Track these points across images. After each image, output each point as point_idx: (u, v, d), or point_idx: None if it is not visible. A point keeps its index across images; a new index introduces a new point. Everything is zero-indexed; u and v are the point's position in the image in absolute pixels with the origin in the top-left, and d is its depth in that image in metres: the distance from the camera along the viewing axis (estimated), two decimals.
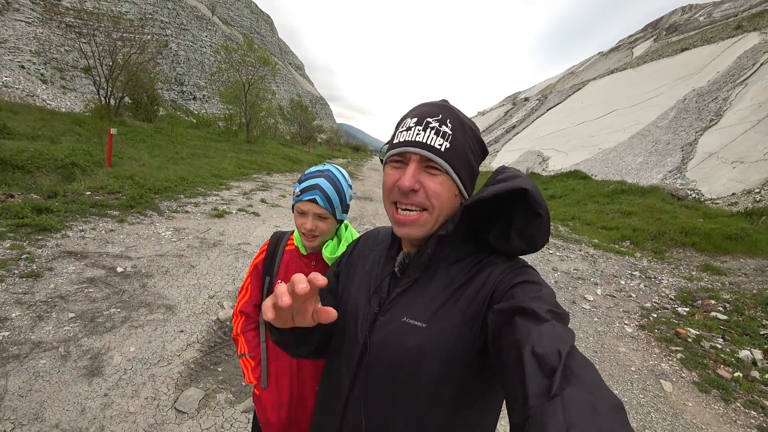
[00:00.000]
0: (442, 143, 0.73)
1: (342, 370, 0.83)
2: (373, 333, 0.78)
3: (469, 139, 0.78)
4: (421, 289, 0.78)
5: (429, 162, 0.74)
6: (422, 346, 0.72)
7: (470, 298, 0.72)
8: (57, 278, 3.55)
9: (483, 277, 0.74)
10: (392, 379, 0.74)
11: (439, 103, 0.80)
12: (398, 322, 0.76)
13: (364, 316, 0.82)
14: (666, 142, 16.91)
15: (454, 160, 0.74)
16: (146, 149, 11.40)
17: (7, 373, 2.32)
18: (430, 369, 0.71)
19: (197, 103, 40.14)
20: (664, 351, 4.04)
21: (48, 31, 25.79)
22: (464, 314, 0.72)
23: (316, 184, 1.21)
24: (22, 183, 5.90)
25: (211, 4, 57.15)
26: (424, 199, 0.74)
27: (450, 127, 0.75)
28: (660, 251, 8.40)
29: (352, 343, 0.82)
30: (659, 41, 35.94)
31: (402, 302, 0.78)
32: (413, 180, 0.73)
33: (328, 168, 1.28)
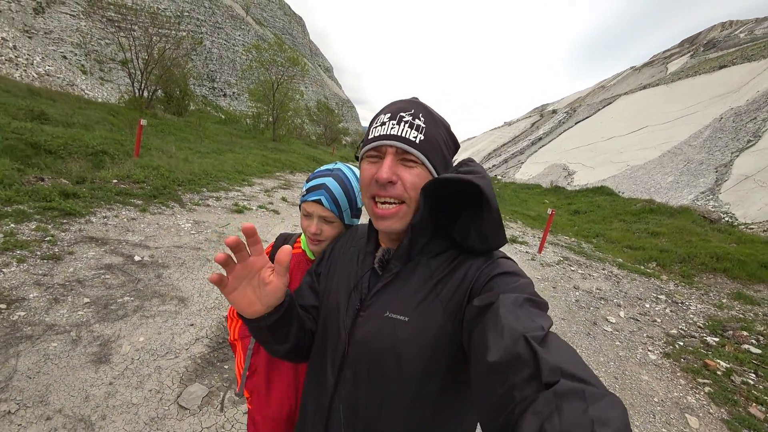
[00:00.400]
0: (416, 135, 0.74)
1: (326, 368, 0.82)
2: (355, 329, 0.78)
3: (441, 132, 0.79)
4: (403, 283, 0.78)
5: (405, 154, 0.75)
6: (406, 340, 0.72)
7: (451, 292, 0.73)
8: (76, 262, 3.60)
9: (463, 271, 0.74)
10: (377, 374, 0.74)
11: (410, 100, 0.82)
12: (381, 318, 0.76)
13: (345, 313, 0.82)
14: (699, 161, 16.28)
15: (429, 151, 0.75)
16: (174, 142, 11.66)
17: (19, 353, 2.34)
18: (415, 362, 0.71)
19: (227, 99, 41.06)
20: (691, 383, 3.81)
21: (90, 24, 26.86)
22: (446, 308, 0.72)
23: (323, 183, 1.13)
24: (54, 167, 6.07)
25: (245, 5, 58.53)
26: (402, 191, 0.75)
27: (423, 120, 0.76)
28: (688, 275, 8.04)
29: (334, 341, 0.82)
30: (696, 57, 34.79)
31: (384, 297, 0.78)
32: (390, 172, 0.74)
33: (339, 167, 1.19)
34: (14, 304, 2.79)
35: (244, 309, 0.70)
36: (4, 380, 2.13)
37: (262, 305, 0.70)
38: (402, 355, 0.72)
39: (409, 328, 0.72)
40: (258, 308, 0.70)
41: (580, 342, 4.35)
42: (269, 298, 0.69)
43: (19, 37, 19.97)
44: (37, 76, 17.26)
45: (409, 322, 0.73)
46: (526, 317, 0.55)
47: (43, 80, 17.22)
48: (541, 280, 6.52)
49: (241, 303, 0.69)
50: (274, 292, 0.68)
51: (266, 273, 0.68)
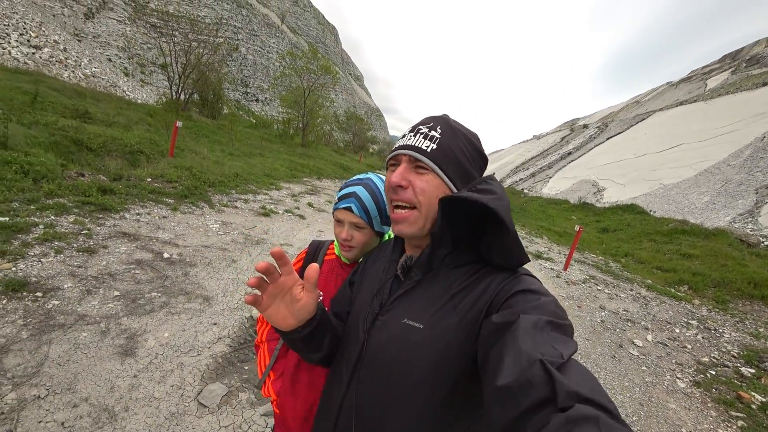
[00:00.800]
0: (428, 145, 0.79)
1: (342, 367, 0.86)
2: (373, 332, 0.82)
3: (460, 143, 0.82)
4: (423, 291, 0.80)
5: (417, 162, 0.80)
6: (418, 347, 0.74)
7: (469, 305, 0.74)
8: (109, 256, 3.75)
9: (484, 285, 0.75)
10: (387, 378, 0.77)
11: (434, 115, 0.87)
12: (398, 323, 0.79)
13: (365, 316, 0.86)
14: (738, 182, 15.54)
15: (441, 159, 0.79)
16: (207, 144, 12.05)
17: (51, 340, 2.45)
18: (423, 370, 0.73)
19: (259, 104, 42.16)
20: (723, 415, 3.61)
21: (135, 29, 28.22)
22: (461, 320, 0.73)
23: (354, 192, 1.18)
24: (94, 164, 6.38)
25: (281, 13, 60.18)
26: (412, 196, 0.80)
27: (439, 131, 0.81)
28: (723, 301, 7.64)
29: (353, 342, 0.86)
30: (737, 73, 33.39)
31: (403, 304, 0.81)
32: (400, 177, 0.80)
33: (370, 176, 1.24)
34: (50, 293, 2.93)
35: (279, 323, 0.75)
36: (36, 366, 2.23)
37: (295, 319, 0.75)
38: (412, 362, 0.74)
39: (422, 335, 0.75)
40: (291, 322, 0.75)
41: (605, 364, 4.20)
42: (301, 312, 0.74)
43: (69, 40, 21.16)
44: (84, 77, 18.21)
45: (423, 329, 0.75)
46: (545, 342, 0.54)
47: (89, 81, 18.15)
48: (565, 298, 6.35)
49: (276, 318, 0.74)
50: (305, 307, 0.73)
51: (297, 290, 0.73)
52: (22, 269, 3.11)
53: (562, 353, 0.51)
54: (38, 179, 4.85)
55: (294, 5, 73.04)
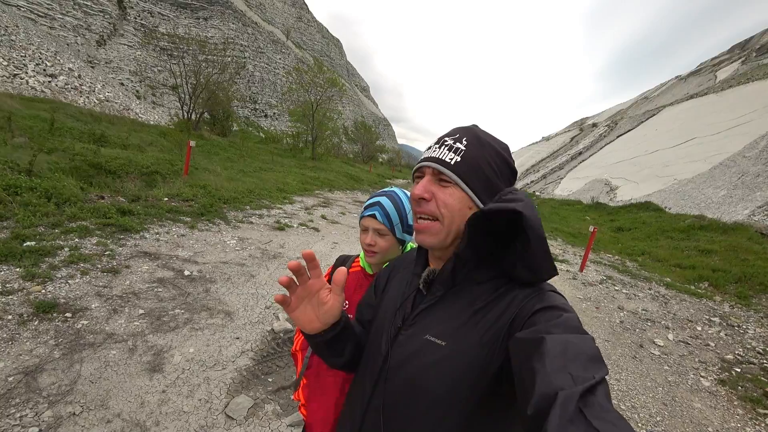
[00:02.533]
0: (452, 157, 0.78)
1: (365, 379, 0.87)
2: (395, 347, 0.82)
3: (487, 156, 0.80)
4: (445, 307, 0.80)
5: (440, 175, 0.79)
6: (439, 363, 0.74)
7: (491, 322, 0.73)
8: (132, 276, 3.87)
9: (506, 302, 0.74)
10: (408, 392, 0.77)
11: (463, 126, 0.86)
12: (420, 339, 0.79)
13: (388, 330, 0.86)
14: (755, 174, 15.23)
15: (465, 172, 0.78)
16: (219, 161, 12.29)
17: (82, 359, 2.55)
18: (444, 387, 0.73)
19: (268, 120, 42.86)
20: (750, 413, 3.54)
21: (145, 53, 29.04)
22: (482, 337, 0.73)
23: (378, 201, 1.29)
24: (112, 186, 6.57)
25: (286, 30, 61.32)
26: (435, 208, 0.79)
27: (464, 143, 0.80)
28: (745, 296, 7.47)
29: (376, 355, 0.86)
30: (748, 63, 32.85)
31: (425, 319, 0.81)
32: (423, 189, 0.80)
33: (393, 189, 1.35)
34: (78, 313, 3.03)
35: (305, 325, 0.78)
36: (70, 384, 2.32)
37: (321, 322, 0.78)
38: (434, 378, 0.74)
39: (444, 353, 0.75)
40: (317, 325, 0.78)
41: (626, 365, 4.16)
42: (327, 316, 0.77)
43: (83, 67, 21.88)
44: (98, 102, 18.79)
45: (445, 347, 0.75)
46: (571, 368, 0.52)
47: (103, 106, 18.72)
48: (582, 300, 6.29)
49: (302, 320, 0.77)
50: (331, 311, 0.76)
51: (324, 294, 0.75)
52: (51, 291, 3.23)
53: (594, 375, 0.51)
54: (61, 204, 5.03)
55: (298, 21, 74.36)
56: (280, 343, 3.31)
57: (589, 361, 0.53)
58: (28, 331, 2.69)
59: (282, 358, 3.13)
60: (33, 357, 2.46)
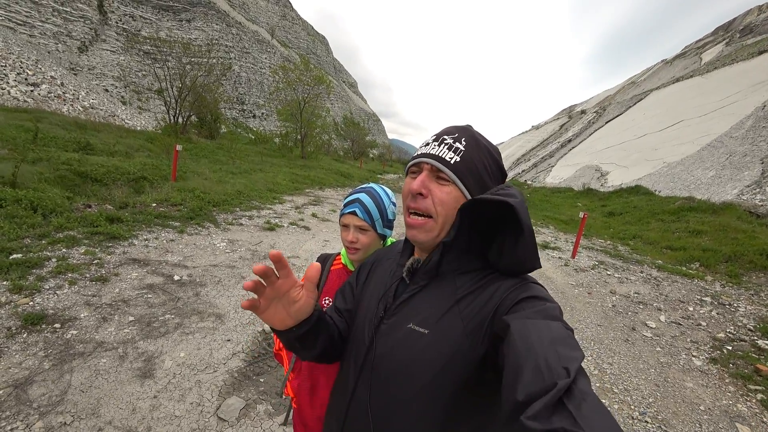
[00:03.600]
0: (452, 156, 0.80)
1: (350, 369, 0.88)
2: (378, 336, 0.83)
3: (483, 159, 0.82)
4: (428, 296, 0.81)
5: (439, 172, 0.80)
6: (422, 352, 0.75)
7: (474, 311, 0.74)
8: (121, 283, 3.85)
9: (490, 292, 0.76)
10: (392, 380, 0.78)
11: (460, 126, 0.87)
12: (403, 328, 0.80)
13: (371, 320, 0.87)
14: (742, 153, 15.41)
15: (463, 172, 0.79)
16: (208, 164, 12.20)
17: (72, 368, 2.53)
18: (426, 375, 0.74)
19: (256, 120, 42.57)
20: (741, 390, 3.59)
21: (129, 58, 28.68)
22: (466, 326, 0.74)
23: (357, 198, 1.29)
24: (99, 194, 6.51)
25: (270, 28, 60.76)
26: (431, 205, 0.80)
27: (463, 144, 0.81)
28: (735, 275, 7.58)
29: (359, 345, 0.88)
30: (732, 44, 33.09)
31: (408, 308, 0.82)
32: (421, 185, 0.80)
33: (371, 185, 1.36)
34: (67, 324, 3.02)
35: (276, 324, 0.76)
36: (60, 394, 2.31)
37: (293, 320, 0.76)
38: (417, 367, 0.75)
39: (427, 341, 0.76)
40: (289, 323, 0.76)
41: (618, 348, 4.21)
42: (299, 313, 0.75)
43: (66, 74, 21.57)
44: (83, 110, 18.56)
45: (428, 335, 0.76)
46: (557, 351, 0.54)
47: (87, 113, 18.49)
48: (575, 285, 6.35)
49: (274, 320, 0.75)
50: (303, 308, 0.74)
51: (295, 292, 0.73)
52: (39, 303, 3.20)
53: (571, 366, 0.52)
54: (47, 214, 4.98)
55: (282, 19, 73.75)
56: (271, 344, 3.32)
57: (569, 348, 0.55)
58: (16, 344, 2.67)
59: (273, 358, 3.13)
60: (22, 369, 2.45)
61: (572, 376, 0.50)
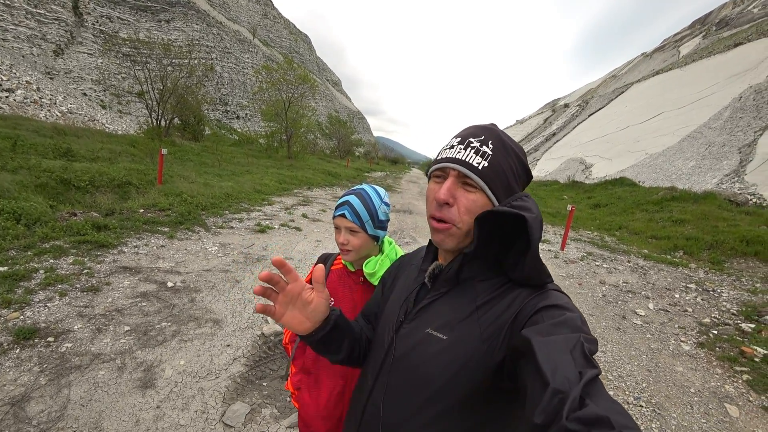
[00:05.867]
0: (480, 162, 0.76)
1: (368, 371, 0.90)
2: (397, 339, 0.84)
3: (511, 162, 0.80)
4: (448, 302, 0.81)
5: (466, 178, 0.77)
6: (440, 357, 0.75)
7: (493, 318, 0.74)
8: (114, 292, 3.78)
9: (509, 299, 0.75)
10: (408, 385, 0.79)
11: (486, 126, 0.84)
12: (422, 333, 0.80)
13: (392, 323, 0.88)
14: (721, 143, 15.83)
15: (491, 178, 0.77)
16: (194, 167, 12.02)
17: (70, 383, 2.48)
18: (440, 379, 0.74)
19: (240, 121, 42.05)
20: (728, 371, 3.72)
21: (107, 60, 28.00)
22: (483, 332, 0.73)
23: (347, 200, 1.31)
24: (84, 202, 6.37)
25: (252, 28, 60.00)
26: (456, 215, 0.78)
27: (491, 147, 0.78)
28: (718, 262, 7.82)
29: (380, 347, 0.89)
30: (709, 37, 33.91)
31: (428, 313, 0.82)
32: (448, 193, 0.77)
33: (363, 187, 1.37)
34: (61, 336, 2.95)
35: (296, 328, 0.79)
36: (59, 410, 2.26)
37: (311, 322, 0.79)
38: (434, 371, 0.75)
39: (444, 346, 0.76)
40: (308, 325, 0.79)
41: (610, 337, 4.30)
42: (315, 314, 0.78)
43: (41, 79, 20.97)
44: (61, 115, 18.07)
45: (446, 340, 0.76)
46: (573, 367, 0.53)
47: (66, 118, 18.02)
48: (565, 277, 6.46)
49: (293, 324, 0.78)
50: (318, 308, 0.78)
51: (307, 294, 0.77)
52: (30, 316, 3.12)
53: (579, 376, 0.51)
54: (31, 224, 4.85)
55: (264, 18, 72.87)
56: (272, 347, 3.30)
57: (587, 361, 0.54)
58: (9, 360, 2.60)
59: (275, 361, 3.12)
60: (18, 386, 2.39)
61: (581, 384, 0.49)
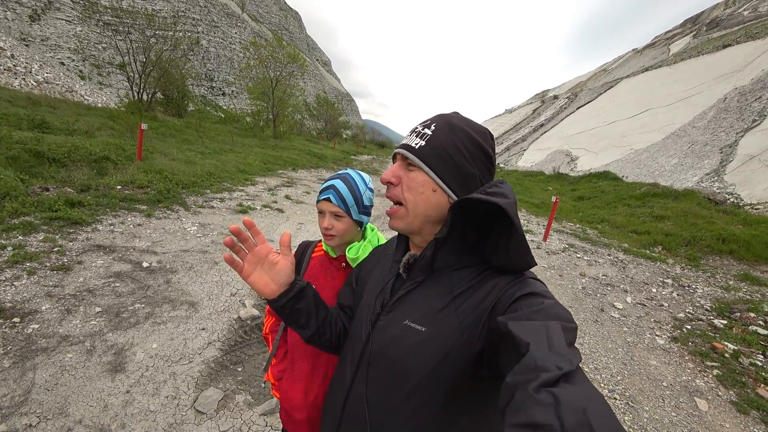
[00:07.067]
0: (417, 142, 0.81)
1: (347, 364, 0.89)
2: (375, 332, 0.83)
3: (456, 140, 0.80)
4: (425, 292, 0.81)
5: (407, 160, 0.82)
6: (417, 348, 0.75)
7: (471, 307, 0.74)
8: (86, 272, 3.65)
9: (487, 288, 0.75)
10: (388, 377, 0.79)
11: (439, 114, 0.86)
12: (400, 325, 0.79)
13: (368, 315, 0.88)
14: (703, 143, 16.10)
15: (428, 156, 0.79)
16: (176, 144, 11.69)
17: (36, 366, 2.39)
18: (421, 372, 0.74)
19: (226, 98, 41.02)
20: (699, 366, 3.83)
21: (87, 29, 26.79)
22: (461, 322, 0.73)
23: (332, 184, 1.29)
24: (58, 176, 6.11)
25: (240, 1, 58.11)
26: (399, 193, 0.82)
27: (432, 129, 0.81)
28: (694, 258, 8.02)
29: (357, 340, 0.88)
30: (699, 37, 34.21)
31: (404, 304, 0.82)
32: (390, 174, 0.84)
33: (347, 171, 1.36)
34: (27, 317, 2.84)
35: (262, 289, 0.84)
36: (23, 394, 2.17)
37: (276, 284, 0.85)
38: (413, 363, 0.75)
39: (423, 338, 0.75)
40: (273, 287, 0.85)
41: (588, 329, 4.37)
42: (280, 276, 0.85)
43: (16, 45, 19.98)
44: (36, 84, 17.29)
45: (425, 332, 0.76)
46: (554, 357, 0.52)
47: (42, 88, 17.25)
48: (547, 268, 6.53)
49: (259, 285, 0.84)
50: (283, 269, 0.85)
51: (273, 256, 0.85)
52: None
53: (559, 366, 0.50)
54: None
55: None
56: (248, 331, 3.24)
57: (569, 347, 0.54)
58: None
59: (251, 346, 3.07)
60: None
61: (564, 370, 0.48)
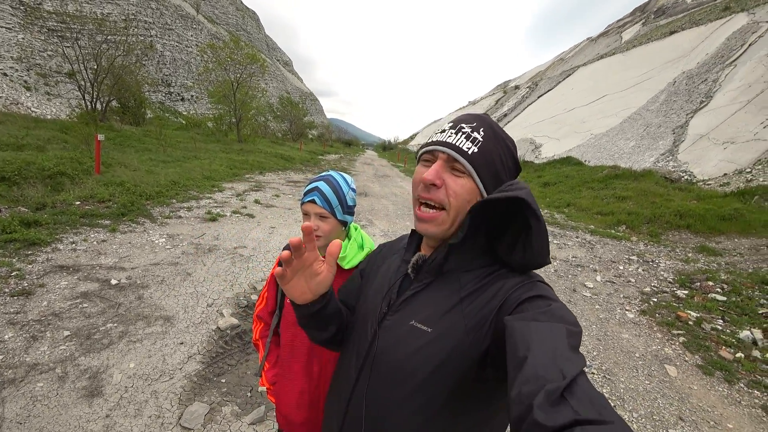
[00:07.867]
0: (470, 147, 0.76)
1: (351, 361, 0.88)
2: (381, 332, 0.83)
3: (500, 151, 0.80)
4: (432, 294, 0.80)
5: (454, 162, 0.77)
6: (424, 350, 0.75)
7: (477, 309, 0.74)
8: (49, 295, 3.46)
9: (494, 290, 0.74)
10: (393, 376, 0.78)
11: (478, 114, 0.84)
12: (406, 325, 0.79)
13: (374, 316, 0.86)
14: (657, 125, 16.93)
15: (480, 164, 0.76)
16: (135, 154, 11.23)
17: (4, 399, 2.25)
18: (425, 371, 0.74)
19: (185, 103, 39.63)
20: (666, 335, 4.06)
21: (30, 36, 25.20)
22: (467, 324, 0.73)
23: (316, 186, 1.31)
24: (9, 196, 5.75)
25: (195, 3, 56.17)
26: (444, 196, 0.77)
27: (482, 135, 0.78)
28: (656, 234, 8.45)
29: (362, 339, 0.87)
30: (648, 25, 35.81)
31: (411, 305, 0.81)
32: (436, 175, 0.77)
33: (330, 173, 1.38)
34: None
35: (296, 297, 0.79)
36: None
37: (312, 294, 0.78)
38: (418, 364, 0.75)
39: (429, 339, 0.75)
40: (308, 297, 0.79)
41: None
42: (319, 287, 0.77)
43: None
44: None
45: (430, 333, 0.75)
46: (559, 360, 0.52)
47: None
48: None
49: (294, 292, 0.77)
50: (323, 281, 0.77)
51: (317, 265, 0.76)
52: None
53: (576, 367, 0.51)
54: None
55: None
56: (228, 341, 3.17)
57: (572, 351, 0.54)
58: None
59: (233, 356, 3.01)
60: None
61: (568, 378, 0.48)
